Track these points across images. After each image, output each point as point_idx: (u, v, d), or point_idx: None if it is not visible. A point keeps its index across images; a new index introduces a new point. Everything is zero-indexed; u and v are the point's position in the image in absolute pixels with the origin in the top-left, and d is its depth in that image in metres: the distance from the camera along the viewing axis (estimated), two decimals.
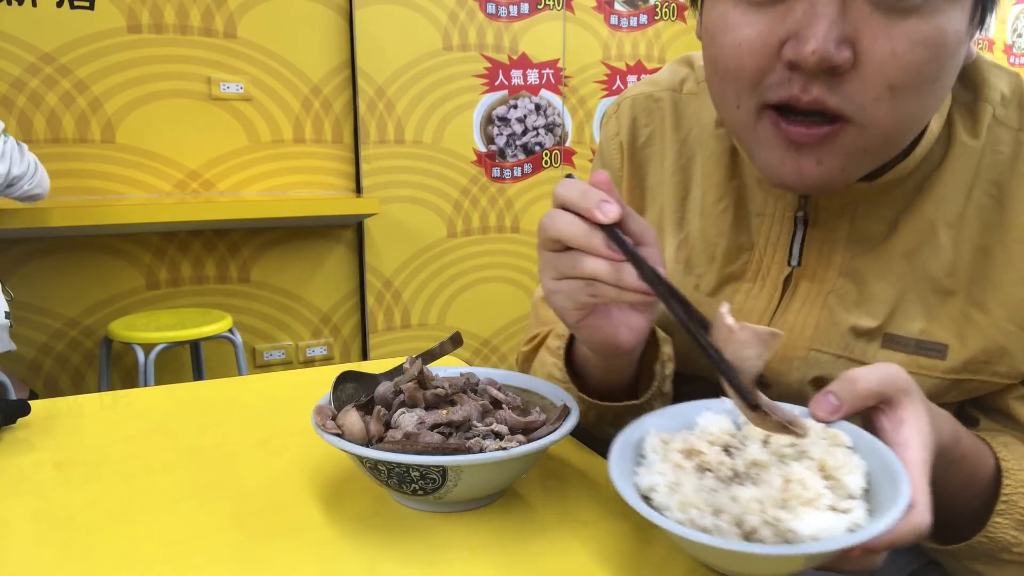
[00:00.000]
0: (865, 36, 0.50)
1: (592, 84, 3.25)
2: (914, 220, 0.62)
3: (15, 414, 0.75)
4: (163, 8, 2.55)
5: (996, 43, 4.06)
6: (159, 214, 2.41)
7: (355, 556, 0.52)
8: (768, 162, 0.57)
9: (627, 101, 0.77)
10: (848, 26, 0.50)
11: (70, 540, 0.54)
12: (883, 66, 0.50)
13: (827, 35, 0.49)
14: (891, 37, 0.50)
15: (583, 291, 0.53)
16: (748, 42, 0.53)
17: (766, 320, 0.67)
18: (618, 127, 0.77)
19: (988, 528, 0.55)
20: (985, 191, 0.60)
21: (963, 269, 0.60)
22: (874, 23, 0.50)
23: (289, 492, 0.61)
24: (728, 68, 0.55)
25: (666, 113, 0.75)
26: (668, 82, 0.76)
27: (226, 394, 0.88)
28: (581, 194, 0.52)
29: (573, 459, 0.68)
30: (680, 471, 0.49)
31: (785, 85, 0.53)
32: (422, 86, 2.95)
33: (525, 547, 0.53)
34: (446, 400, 0.60)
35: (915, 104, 0.53)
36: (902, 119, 0.53)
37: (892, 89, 0.51)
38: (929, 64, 0.51)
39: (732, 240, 0.69)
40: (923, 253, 0.61)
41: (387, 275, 3.03)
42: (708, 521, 0.45)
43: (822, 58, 0.49)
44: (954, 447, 0.53)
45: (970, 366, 0.61)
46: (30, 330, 2.55)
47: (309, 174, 2.84)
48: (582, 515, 0.58)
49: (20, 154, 1.93)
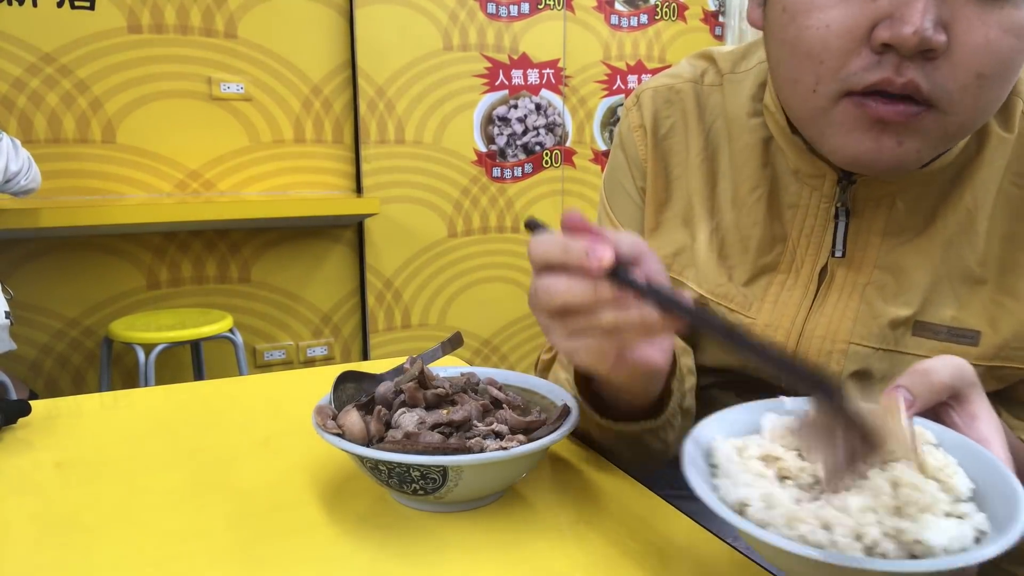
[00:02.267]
0: (960, 22, 0.50)
1: (592, 84, 3.25)
2: (953, 211, 0.62)
3: (15, 414, 0.75)
4: (163, 8, 2.55)
5: None
6: (159, 214, 2.41)
7: (355, 556, 0.52)
8: (844, 143, 0.56)
9: (647, 92, 0.76)
10: (945, 10, 0.50)
11: (70, 540, 0.54)
12: (975, 53, 0.51)
13: (926, 16, 0.49)
14: (985, 24, 0.50)
15: (605, 343, 0.49)
16: (837, 23, 0.53)
17: (804, 313, 0.66)
18: (640, 118, 0.76)
19: None
20: (1012, 181, 0.61)
21: (993, 258, 0.61)
22: (968, 10, 0.50)
23: (289, 492, 0.61)
24: (812, 50, 0.54)
25: (688, 104, 0.74)
26: (689, 74, 0.75)
27: (226, 394, 0.88)
28: (564, 251, 0.47)
29: (573, 459, 0.68)
30: (764, 480, 0.44)
31: (875, 69, 0.52)
32: (422, 86, 2.95)
33: (525, 547, 0.53)
34: (446, 400, 0.60)
35: (998, 92, 0.54)
36: (983, 107, 0.54)
37: (980, 77, 0.51)
38: (1017, 54, 0.52)
39: (766, 231, 0.68)
40: (959, 243, 0.62)
41: (387, 275, 3.03)
42: (822, 536, 0.40)
43: (923, 39, 0.49)
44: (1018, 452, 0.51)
45: (1002, 352, 0.61)
46: (31, 330, 2.55)
47: (309, 174, 2.84)
48: (582, 515, 0.58)
49: (15, 151, 1.96)
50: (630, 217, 0.77)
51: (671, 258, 0.73)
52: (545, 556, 0.52)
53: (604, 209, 0.80)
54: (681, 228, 0.73)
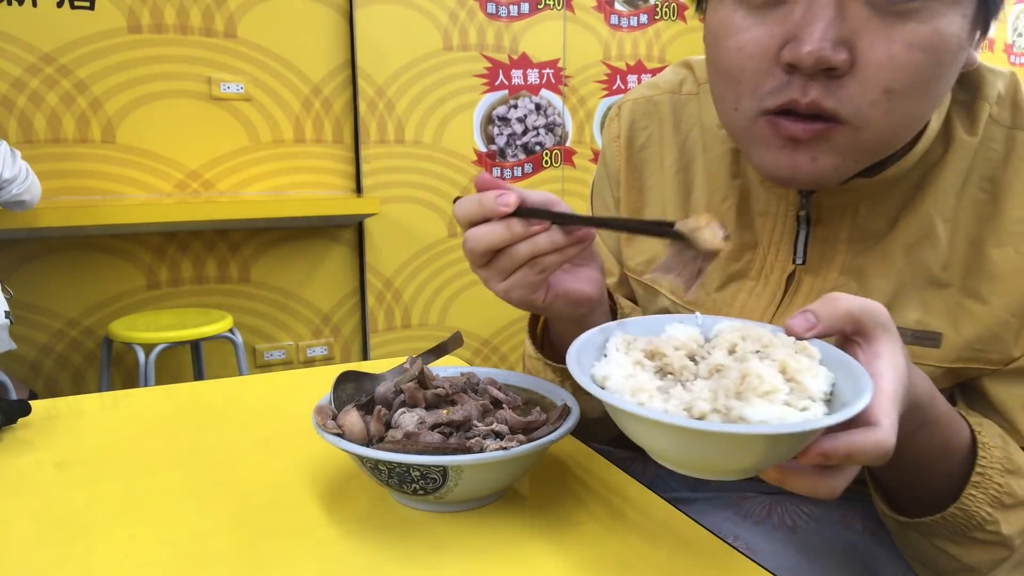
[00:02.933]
0: (863, 39, 0.51)
1: (592, 84, 3.25)
2: (914, 216, 0.62)
3: (15, 414, 0.75)
4: (163, 8, 2.55)
5: (996, 42, 4.06)
6: (159, 214, 2.41)
7: (355, 556, 0.52)
8: (764, 159, 0.58)
9: (627, 104, 0.79)
10: (846, 28, 0.51)
11: (70, 540, 0.54)
12: (880, 69, 0.51)
13: (823, 36, 0.50)
14: (889, 40, 0.51)
15: (530, 275, 0.56)
16: (750, 45, 0.54)
17: (768, 318, 0.68)
18: (618, 130, 0.79)
19: (963, 500, 0.55)
20: (978, 186, 0.61)
21: (958, 262, 0.61)
22: (872, 26, 0.51)
23: (289, 492, 0.61)
24: (730, 71, 0.56)
25: (665, 116, 0.76)
26: (668, 84, 0.77)
27: (226, 394, 0.88)
28: (479, 204, 0.55)
29: (573, 459, 0.68)
30: (639, 368, 0.48)
31: (784, 90, 0.53)
32: (422, 86, 2.95)
33: (525, 547, 0.53)
34: (446, 400, 0.60)
35: (912, 107, 0.53)
36: (898, 122, 0.54)
37: (889, 92, 0.52)
38: (926, 68, 0.51)
39: (736, 238, 0.70)
40: (921, 248, 0.62)
41: (387, 275, 3.03)
42: (658, 404, 0.44)
43: (819, 59, 0.50)
44: (929, 408, 0.52)
45: (964, 353, 0.61)
46: (31, 330, 2.55)
47: (309, 174, 2.84)
48: (582, 515, 0.58)
49: (12, 159, 1.95)
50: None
51: (645, 265, 0.76)
52: (545, 556, 0.52)
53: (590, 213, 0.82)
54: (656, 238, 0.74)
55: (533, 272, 0.56)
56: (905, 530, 0.60)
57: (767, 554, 0.63)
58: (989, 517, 0.55)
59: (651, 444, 0.45)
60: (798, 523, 0.67)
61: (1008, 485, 0.56)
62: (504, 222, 0.54)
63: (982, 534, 0.56)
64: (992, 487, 0.55)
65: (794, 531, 0.67)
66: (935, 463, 0.56)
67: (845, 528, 0.68)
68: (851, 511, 0.70)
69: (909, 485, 0.58)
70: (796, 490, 0.44)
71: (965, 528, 0.56)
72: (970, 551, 0.57)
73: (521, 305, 0.59)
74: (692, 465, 0.45)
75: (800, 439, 0.41)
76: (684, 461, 0.45)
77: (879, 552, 0.67)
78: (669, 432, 0.42)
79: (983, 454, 0.56)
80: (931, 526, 0.57)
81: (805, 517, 0.68)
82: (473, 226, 0.55)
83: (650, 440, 0.45)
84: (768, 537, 0.66)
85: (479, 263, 0.57)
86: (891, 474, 0.59)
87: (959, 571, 0.59)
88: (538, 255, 0.55)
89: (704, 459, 0.43)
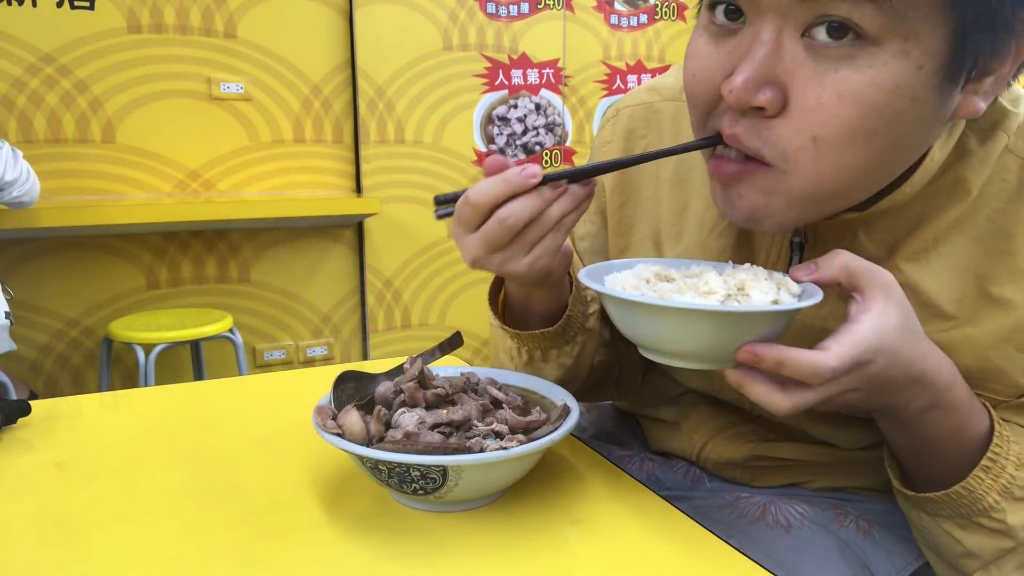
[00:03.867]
0: (796, 81, 0.49)
1: (592, 84, 3.25)
2: (911, 246, 0.60)
3: (15, 414, 0.75)
4: (163, 8, 2.55)
5: None
6: (159, 214, 2.41)
7: (355, 556, 0.52)
8: (712, 192, 0.58)
9: (626, 111, 0.77)
10: (780, 68, 0.49)
11: (70, 540, 0.54)
12: (808, 116, 0.49)
13: (750, 76, 0.49)
14: (820, 86, 0.48)
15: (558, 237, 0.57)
16: (700, 73, 0.55)
17: None
18: (612, 136, 0.78)
19: (969, 480, 0.55)
20: (989, 218, 0.58)
21: (967, 298, 0.59)
22: (806, 69, 0.49)
23: (289, 492, 0.61)
24: (690, 95, 0.57)
25: (665, 124, 0.74)
26: (669, 90, 0.75)
27: (226, 394, 0.88)
28: (504, 182, 0.54)
29: (573, 459, 0.68)
30: (644, 283, 0.54)
31: (720, 118, 0.54)
32: (422, 86, 2.95)
33: (525, 547, 0.53)
34: (446, 400, 0.60)
35: (844, 158, 0.50)
36: (828, 172, 0.51)
37: (816, 140, 0.49)
38: (856, 121, 0.48)
39: (735, 256, 0.68)
40: (922, 280, 0.60)
41: (387, 275, 3.03)
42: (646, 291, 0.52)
43: (739, 99, 0.50)
44: (946, 391, 0.53)
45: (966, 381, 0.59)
46: (30, 330, 2.55)
47: (309, 174, 2.84)
48: (582, 515, 0.58)
49: (14, 160, 1.94)
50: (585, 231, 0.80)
51: None
52: (545, 556, 0.52)
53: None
54: (650, 250, 0.74)
55: (561, 234, 0.57)
56: (915, 507, 0.60)
57: (761, 553, 0.63)
58: (996, 505, 0.55)
59: (619, 322, 0.53)
60: (792, 522, 0.67)
61: (1021, 479, 0.55)
62: (534, 192, 0.55)
63: (987, 520, 0.56)
64: (1004, 476, 0.55)
65: (788, 530, 0.67)
66: (947, 445, 0.56)
67: (840, 527, 0.68)
68: (846, 511, 0.70)
69: (923, 465, 0.58)
70: (750, 395, 0.48)
71: (970, 512, 0.56)
72: (973, 536, 0.57)
73: (542, 275, 0.59)
74: (645, 341, 0.52)
75: (725, 325, 0.48)
76: (638, 336, 0.53)
77: (874, 552, 0.67)
78: (624, 306, 0.51)
79: (999, 443, 0.55)
80: (937, 503, 0.57)
81: (799, 516, 0.68)
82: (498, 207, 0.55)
83: (618, 318, 0.53)
84: (762, 536, 0.66)
85: (505, 241, 0.56)
86: (906, 451, 0.59)
87: (961, 556, 0.58)
88: (564, 216, 0.56)
89: (656, 335, 0.51)
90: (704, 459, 0.77)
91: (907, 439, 0.57)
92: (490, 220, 0.55)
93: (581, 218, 0.81)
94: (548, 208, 0.55)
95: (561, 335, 0.69)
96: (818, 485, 0.73)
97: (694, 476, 0.78)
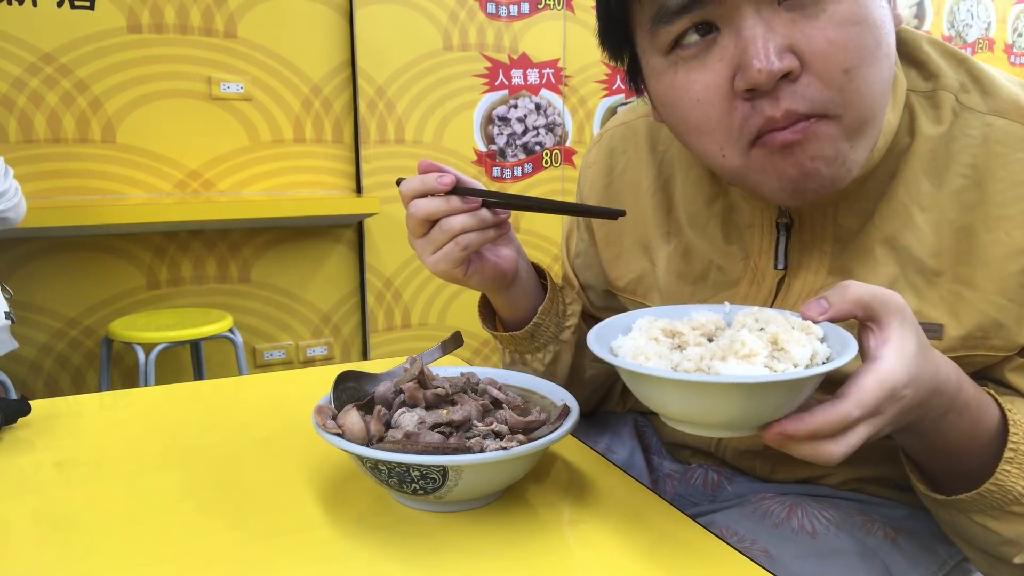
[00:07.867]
0: (799, 38, 0.53)
1: (592, 84, 3.25)
2: (887, 207, 0.63)
3: (15, 414, 0.75)
4: (163, 8, 2.55)
5: (996, 43, 4.05)
6: (159, 214, 2.40)
7: (355, 556, 0.52)
8: (773, 183, 0.58)
9: (608, 133, 0.83)
10: (779, 36, 0.53)
11: (70, 540, 0.54)
12: (828, 57, 0.53)
13: (766, 51, 0.52)
14: (821, 29, 0.53)
15: (455, 250, 0.65)
16: (704, 94, 0.56)
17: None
18: (597, 157, 0.83)
19: (997, 475, 0.55)
20: (960, 174, 0.61)
21: (947, 250, 0.61)
22: (800, 25, 0.53)
23: (289, 492, 0.61)
24: (699, 126, 0.58)
25: (641, 139, 0.79)
26: (644, 108, 0.79)
27: (226, 394, 0.88)
28: (421, 182, 0.66)
29: (573, 459, 0.68)
30: (654, 343, 0.52)
31: (755, 115, 0.55)
32: (422, 86, 2.95)
33: (525, 547, 0.53)
34: (446, 400, 0.60)
35: (872, 76, 0.55)
36: (867, 93, 0.55)
37: (847, 72, 0.53)
38: (865, 36, 0.54)
39: (724, 251, 0.71)
40: (903, 237, 0.63)
41: (387, 275, 3.03)
42: (650, 363, 0.49)
43: (771, 72, 0.52)
44: (957, 393, 0.54)
45: (967, 343, 0.61)
46: (30, 330, 2.55)
47: (309, 174, 2.84)
48: (582, 515, 0.58)
49: (4, 175, 1.93)
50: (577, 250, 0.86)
51: (635, 283, 0.78)
52: (545, 556, 0.52)
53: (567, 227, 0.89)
54: (641, 255, 0.78)
55: (458, 248, 0.65)
56: (944, 508, 0.60)
57: (785, 558, 0.63)
58: None
59: (645, 395, 0.50)
60: (817, 528, 0.67)
61: None
62: (443, 197, 0.65)
63: (1020, 507, 0.56)
64: None
65: (813, 535, 0.66)
66: (966, 444, 0.56)
67: (866, 534, 0.67)
68: (872, 517, 0.69)
69: (944, 465, 0.59)
70: (796, 454, 0.47)
71: (1003, 503, 0.56)
72: (1009, 525, 0.57)
73: (446, 277, 0.68)
74: (680, 415, 0.49)
75: (766, 393, 0.44)
76: (673, 412, 0.49)
77: (899, 559, 0.67)
78: (652, 383, 0.47)
79: (1015, 431, 0.56)
80: (968, 503, 0.57)
81: (825, 522, 0.67)
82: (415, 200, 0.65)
83: (644, 392, 0.49)
84: (787, 541, 0.65)
85: (417, 233, 0.67)
86: (925, 456, 0.59)
87: (1000, 544, 0.59)
88: (465, 231, 0.65)
89: (689, 408, 0.47)
90: (723, 449, 0.77)
91: (925, 445, 0.58)
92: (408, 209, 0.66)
93: (573, 238, 0.87)
94: (452, 216, 0.64)
95: (530, 340, 0.76)
96: (838, 479, 0.73)
97: (712, 482, 0.78)
